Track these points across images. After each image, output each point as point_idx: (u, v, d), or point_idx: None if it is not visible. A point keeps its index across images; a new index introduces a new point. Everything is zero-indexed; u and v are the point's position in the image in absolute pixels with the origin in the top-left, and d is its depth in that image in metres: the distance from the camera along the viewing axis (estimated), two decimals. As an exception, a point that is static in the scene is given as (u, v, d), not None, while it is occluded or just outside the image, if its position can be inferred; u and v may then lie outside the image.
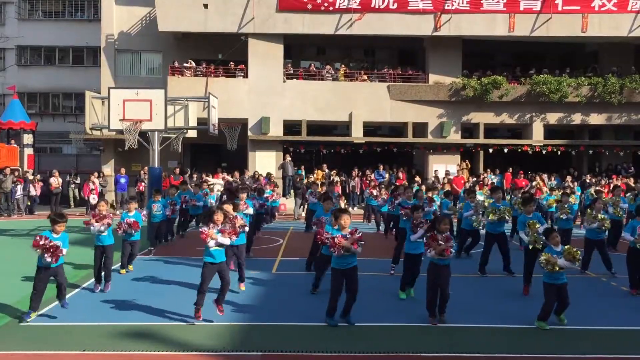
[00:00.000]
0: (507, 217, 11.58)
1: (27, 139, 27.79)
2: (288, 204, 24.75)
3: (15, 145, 26.98)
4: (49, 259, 7.97)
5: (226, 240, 8.05)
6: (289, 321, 8.28)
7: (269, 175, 23.85)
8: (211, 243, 7.94)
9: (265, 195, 16.33)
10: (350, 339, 7.50)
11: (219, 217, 8.13)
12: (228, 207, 9.34)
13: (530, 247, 9.58)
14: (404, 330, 7.96)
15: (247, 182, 23.35)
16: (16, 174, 24.33)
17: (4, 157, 25.72)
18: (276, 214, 21.35)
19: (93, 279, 10.19)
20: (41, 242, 7.94)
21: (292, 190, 24.87)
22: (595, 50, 29.73)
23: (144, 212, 11.92)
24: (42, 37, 35.24)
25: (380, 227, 18.26)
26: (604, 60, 29.13)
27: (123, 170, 24.60)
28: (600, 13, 26.11)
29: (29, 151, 27.79)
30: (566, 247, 7.99)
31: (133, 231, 10.90)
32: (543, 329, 7.90)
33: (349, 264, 7.90)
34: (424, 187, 16.47)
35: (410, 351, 7.09)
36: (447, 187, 19.70)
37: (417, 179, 24.73)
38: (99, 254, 9.97)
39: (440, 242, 8.05)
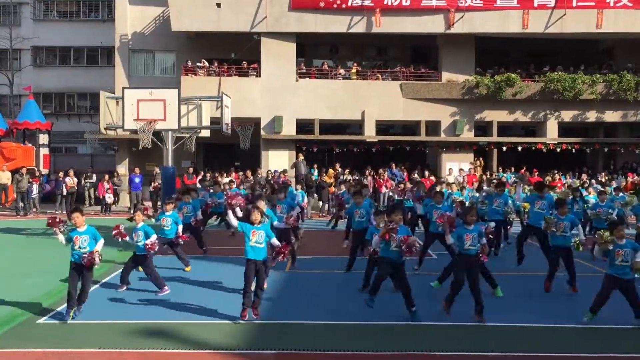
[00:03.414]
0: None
1: (43, 139, 28.05)
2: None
3: (31, 145, 27.28)
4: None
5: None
6: (302, 320, 8.29)
7: (284, 173, 23.83)
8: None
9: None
10: (363, 338, 7.51)
11: (256, 216, 8.23)
12: (261, 204, 9.24)
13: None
14: (418, 328, 7.95)
15: (261, 182, 23.43)
16: (37, 173, 24.60)
17: (21, 157, 26.00)
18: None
19: (109, 277, 10.29)
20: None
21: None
22: (610, 46, 29.45)
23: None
24: (57, 37, 35.58)
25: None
26: (619, 56, 28.84)
27: (137, 170, 24.75)
28: (616, 9, 25.84)
29: (44, 151, 28.05)
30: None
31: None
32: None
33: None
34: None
35: (423, 350, 7.08)
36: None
37: (432, 178, 24.67)
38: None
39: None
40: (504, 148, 27.42)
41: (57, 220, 8.45)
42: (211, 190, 16.38)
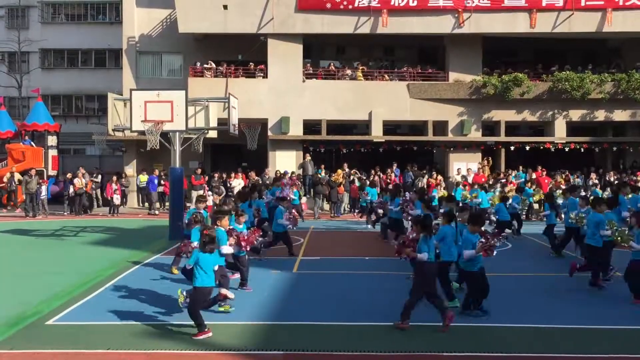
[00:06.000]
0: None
1: (52, 140, 28.25)
2: (309, 203, 24.72)
3: (39, 147, 27.45)
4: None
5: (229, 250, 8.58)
6: (310, 320, 8.29)
7: (292, 175, 23.75)
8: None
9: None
10: (371, 338, 7.49)
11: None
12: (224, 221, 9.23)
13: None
14: (425, 329, 7.92)
15: (268, 182, 23.45)
16: (50, 175, 24.74)
17: (29, 158, 26.16)
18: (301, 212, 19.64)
19: (118, 278, 10.30)
20: None
21: (311, 190, 24.86)
22: (618, 46, 29.29)
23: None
24: (65, 40, 35.80)
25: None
26: (627, 56, 28.69)
27: (157, 171, 25.17)
28: (625, 8, 25.69)
29: (53, 152, 28.23)
30: None
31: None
32: None
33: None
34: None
35: (430, 350, 7.06)
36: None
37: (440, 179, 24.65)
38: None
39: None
40: (512, 148, 27.33)
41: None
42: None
